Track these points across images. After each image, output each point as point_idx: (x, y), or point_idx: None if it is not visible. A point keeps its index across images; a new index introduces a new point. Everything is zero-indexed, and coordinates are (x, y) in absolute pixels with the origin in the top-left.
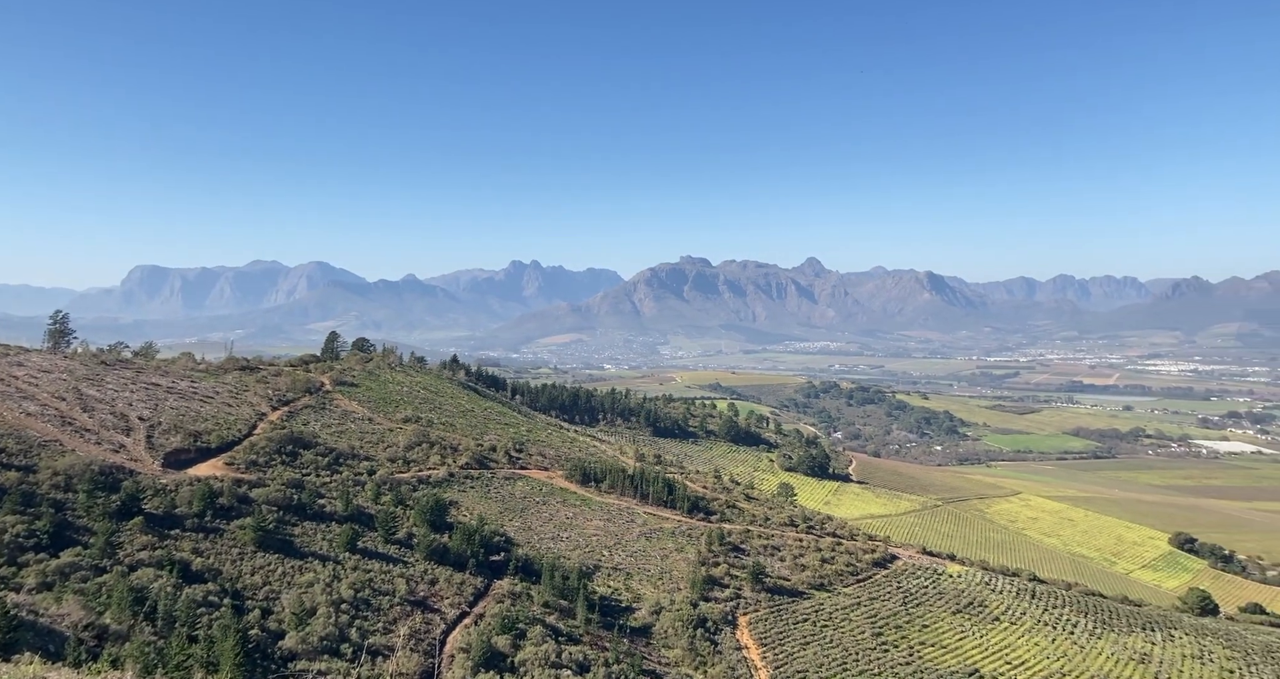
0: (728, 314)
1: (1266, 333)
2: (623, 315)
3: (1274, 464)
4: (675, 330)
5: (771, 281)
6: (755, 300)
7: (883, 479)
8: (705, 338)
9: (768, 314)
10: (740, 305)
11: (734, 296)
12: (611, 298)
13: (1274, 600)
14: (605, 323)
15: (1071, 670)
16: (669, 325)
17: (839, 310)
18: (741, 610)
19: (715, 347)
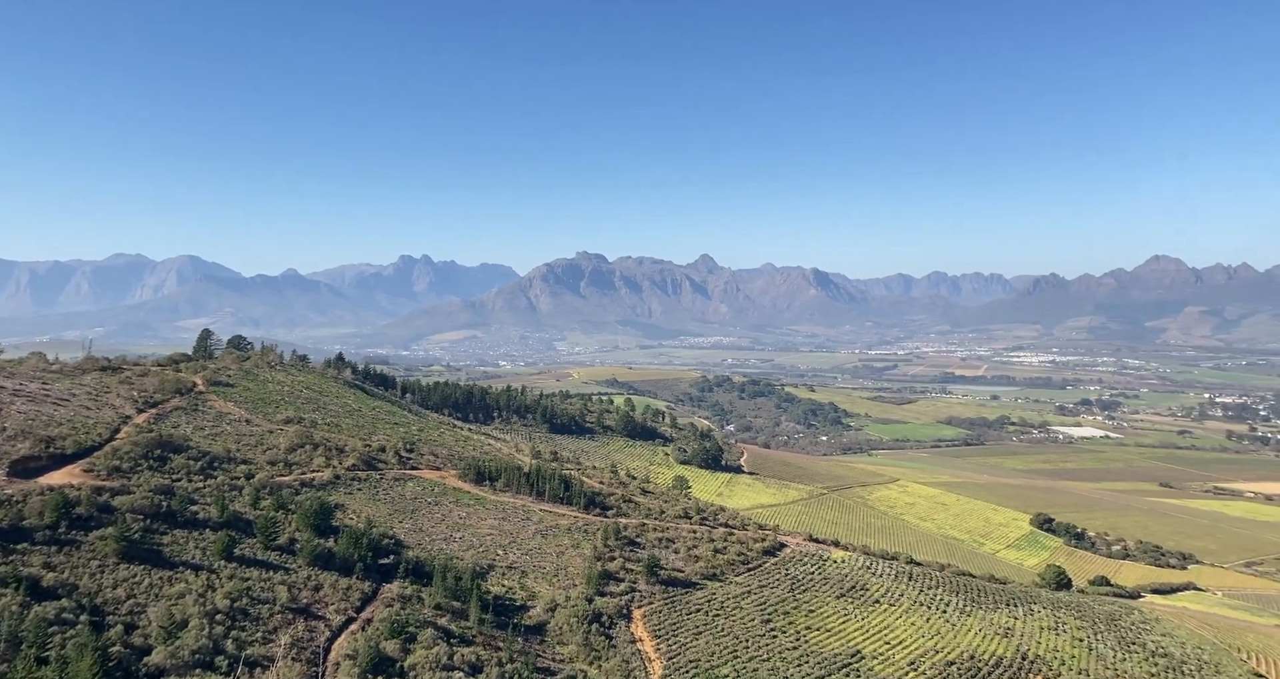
0: (624, 310)
1: (1113, 326)
2: (518, 311)
3: (1119, 448)
4: (572, 326)
5: (667, 278)
6: (651, 296)
7: (773, 469)
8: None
9: (663, 310)
10: (637, 301)
11: (630, 293)
12: (507, 294)
13: (1117, 573)
14: (500, 319)
15: (944, 647)
16: (566, 321)
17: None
18: (636, 604)
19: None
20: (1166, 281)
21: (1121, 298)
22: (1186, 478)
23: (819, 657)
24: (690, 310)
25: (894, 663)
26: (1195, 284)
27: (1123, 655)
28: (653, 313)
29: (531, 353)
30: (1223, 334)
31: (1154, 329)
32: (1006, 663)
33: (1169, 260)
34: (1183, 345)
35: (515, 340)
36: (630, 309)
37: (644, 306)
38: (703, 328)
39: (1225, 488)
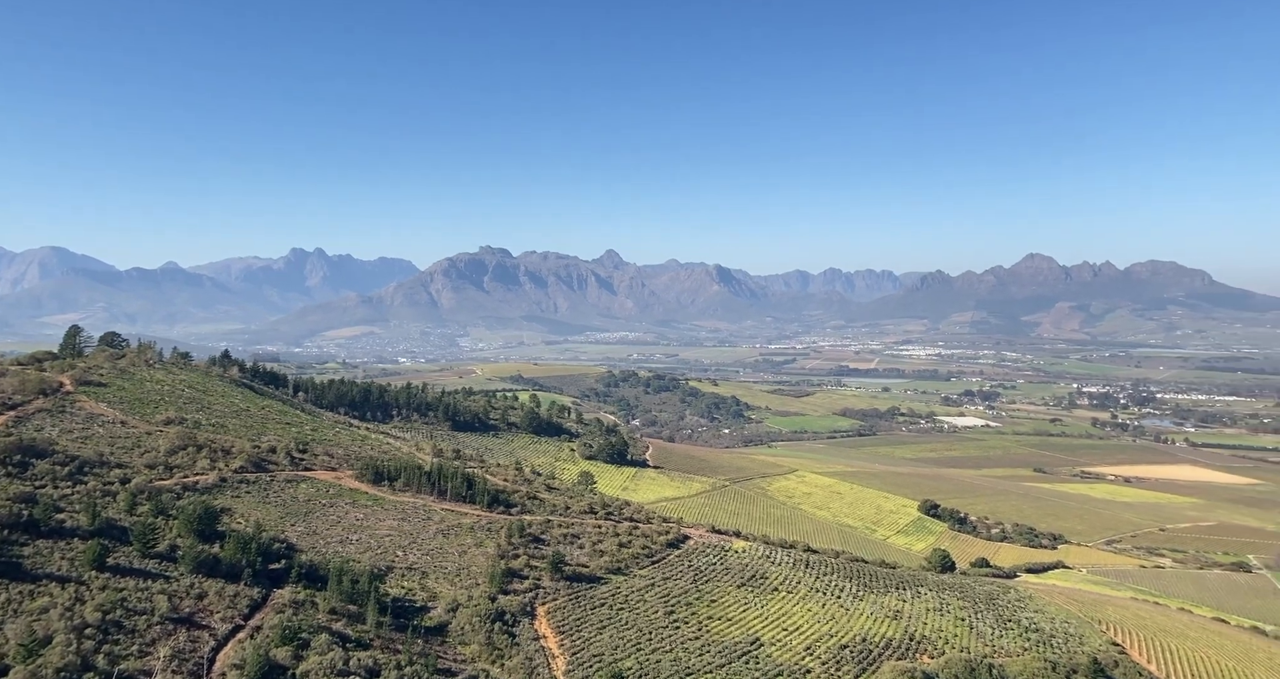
0: (529, 305)
1: (993, 320)
2: (419, 307)
3: (998, 436)
4: (475, 322)
5: (573, 273)
6: (557, 291)
7: (677, 463)
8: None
9: (569, 305)
10: (542, 296)
11: (535, 288)
12: (406, 288)
13: (996, 554)
14: (400, 315)
15: (838, 631)
16: (469, 317)
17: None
18: (541, 600)
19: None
20: (1040, 278)
21: (1000, 294)
22: (1057, 463)
23: (720, 645)
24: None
25: (791, 648)
26: (1065, 281)
27: (1000, 632)
28: (559, 308)
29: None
30: (1089, 328)
31: (1029, 323)
32: (896, 644)
33: (1042, 258)
34: (1054, 339)
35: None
36: (536, 305)
37: (550, 302)
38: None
39: (1090, 472)
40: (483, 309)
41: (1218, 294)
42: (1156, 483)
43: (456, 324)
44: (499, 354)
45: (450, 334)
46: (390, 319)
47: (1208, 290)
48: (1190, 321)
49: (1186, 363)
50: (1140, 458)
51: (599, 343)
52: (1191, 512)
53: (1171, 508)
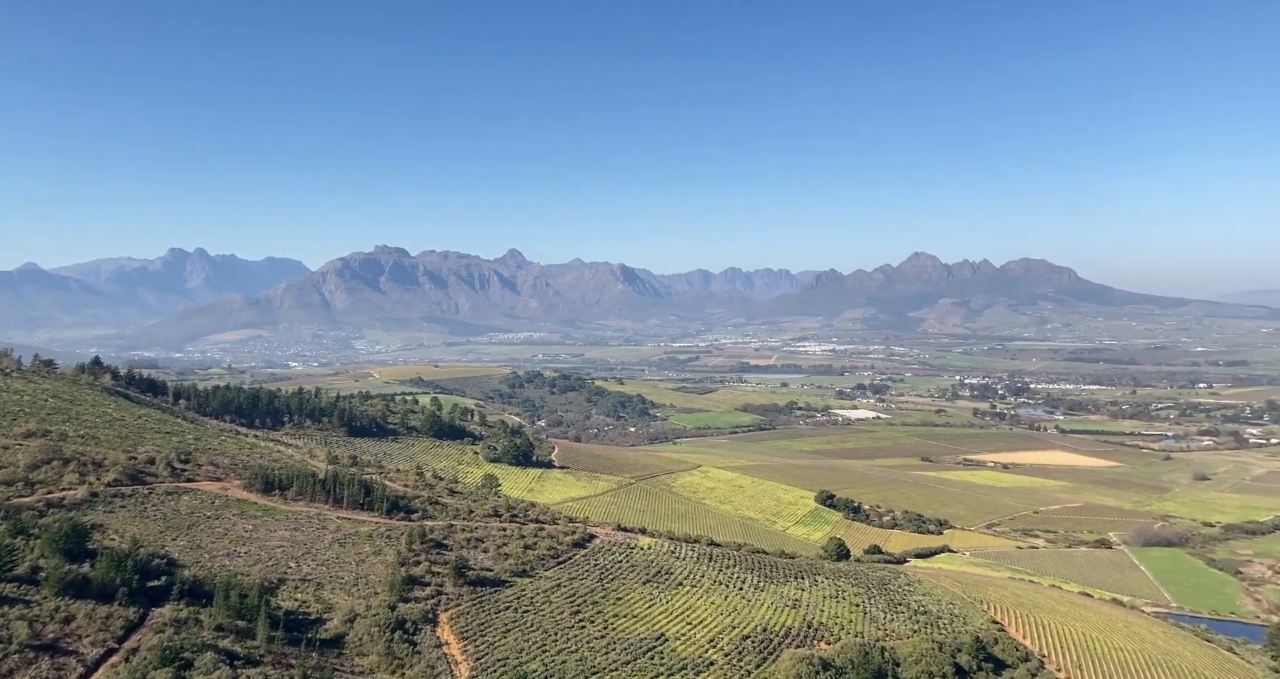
0: (429, 306)
1: (883, 316)
2: (311, 308)
3: (889, 427)
4: (372, 324)
5: (474, 273)
6: (458, 292)
7: (583, 462)
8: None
9: (471, 305)
10: (442, 297)
11: (435, 288)
12: (297, 290)
13: (888, 541)
14: (290, 317)
15: (740, 622)
16: (364, 319)
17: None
18: (443, 607)
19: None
20: (925, 276)
21: (889, 291)
22: (942, 452)
23: (625, 643)
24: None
25: (695, 642)
26: (948, 278)
27: (892, 616)
28: (460, 309)
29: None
30: (969, 323)
31: (915, 319)
32: (795, 632)
33: (926, 257)
34: (939, 334)
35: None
36: (436, 305)
37: (450, 303)
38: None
39: (972, 459)
40: (379, 310)
41: (1082, 290)
42: (1031, 468)
43: (351, 326)
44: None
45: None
46: (280, 322)
47: (1074, 286)
48: (1059, 316)
49: (1056, 355)
50: (1016, 445)
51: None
52: (1061, 494)
53: (1044, 491)
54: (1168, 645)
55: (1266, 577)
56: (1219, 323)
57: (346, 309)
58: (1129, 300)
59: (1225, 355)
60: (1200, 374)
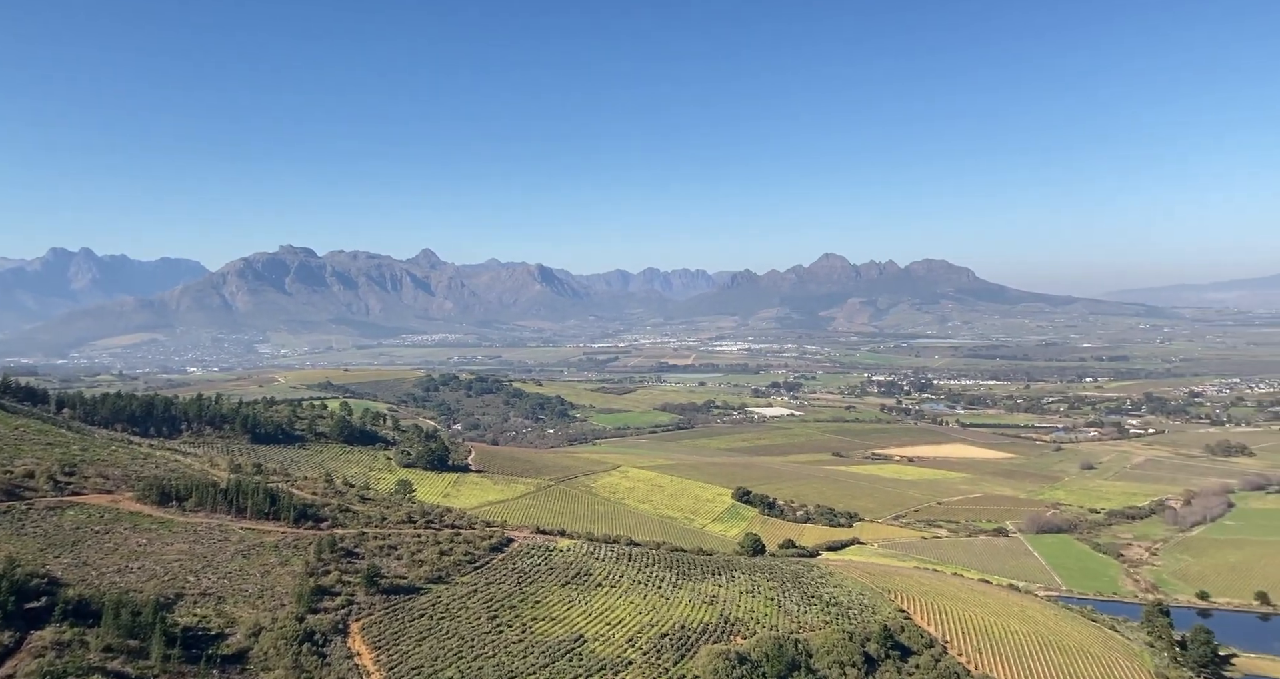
0: (338, 308)
1: (795, 316)
2: (210, 311)
3: (802, 424)
4: (277, 327)
5: (385, 273)
6: (369, 293)
7: (501, 465)
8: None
9: (383, 307)
10: (352, 298)
11: (345, 289)
12: (194, 292)
13: (801, 535)
14: (187, 320)
15: (659, 621)
16: (269, 322)
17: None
18: (354, 617)
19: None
20: (835, 276)
21: (801, 291)
22: (852, 447)
23: (544, 646)
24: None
25: (614, 642)
26: (856, 278)
27: (805, 608)
28: (371, 311)
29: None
30: (877, 321)
31: (826, 318)
32: (712, 628)
33: (836, 258)
34: (848, 332)
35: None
36: (345, 307)
37: (361, 304)
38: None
39: (880, 453)
40: (285, 313)
41: (980, 289)
42: (934, 461)
43: (255, 329)
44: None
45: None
46: (176, 325)
47: (972, 286)
48: (959, 314)
49: (957, 352)
50: (921, 439)
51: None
52: (962, 485)
53: (946, 483)
54: (1057, 626)
55: (1144, 558)
56: (1103, 320)
57: (249, 311)
58: (1022, 299)
59: (1108, 351)
60: (1087, 369)
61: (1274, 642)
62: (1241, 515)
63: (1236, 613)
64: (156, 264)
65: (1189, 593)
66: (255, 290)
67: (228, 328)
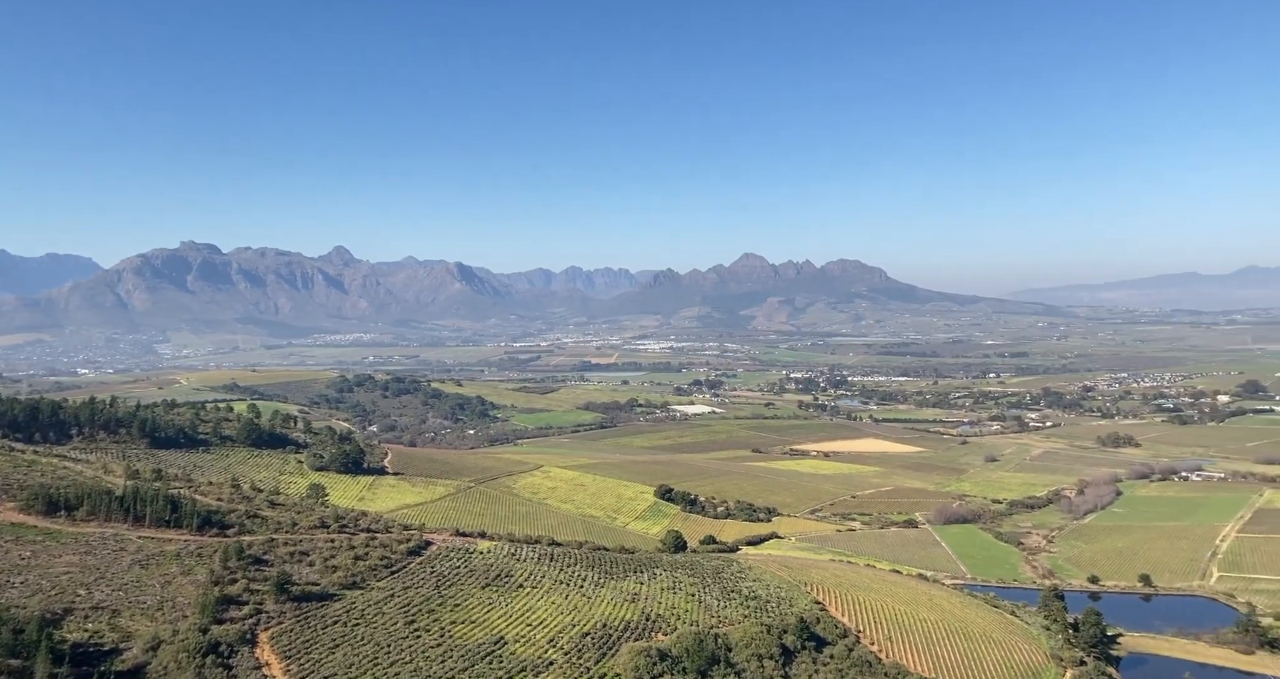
0: (245, 306)
1: (716, 315)
2: (103, 310)
3: (723, 421)
4: (178, 326)
5: (296, 271)
6: (278, 291)
7: (419, 467)
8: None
9: (293, 306)
10: (260, 297)
11: (252, 287)
12: (86, 289)
13: (721, 531)
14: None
15: (581, 620)
16: (169, 321)
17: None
18: (263, 626)
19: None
20: (755, 276)
21: (722, 290)
22: (771, 443)
23: (463, 649)
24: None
25: (535, 643)
26: (775, 278)
27: (725, 603)
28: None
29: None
30: (795, 320)
31: (746, 317)
32: (634, 625)
33: (756, 258)
34: (767, 330)
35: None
36: (253, 306)
37: (269, 303)
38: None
39: (798, 449)
40: (187, 311)
41: (892, 288)
42: (849, 455)
43: (154, 329)
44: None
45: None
46: (66, 325)
47: (884, 285)
48: (872, 313)
49: (870, 349)
50: (836, 434)
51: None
52: (875, 479)
53: (860, 477)
54: (963, 614)
55: (1042, 546)
56: (1005, 319)
57: (148, 310)
58: (931, 298)
59: (1010, 348)
60: (990, 365)
61: (1154, 620)
62: (1128, 503)
63: (1123, 595)
64: (42, 260)
65: (1081, 578)
66: (154, 288)
67: (124, 328)
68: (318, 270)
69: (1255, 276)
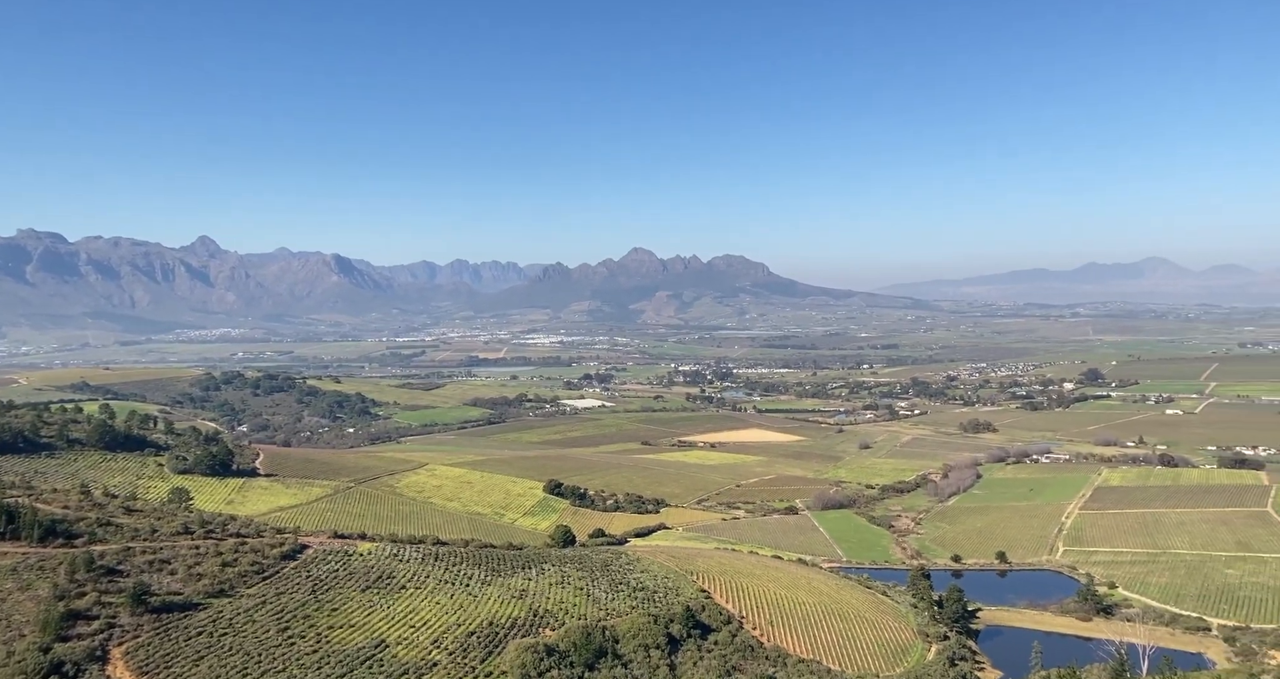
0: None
1: (607, 309)
2: None
3: (613, 415)
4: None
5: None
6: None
7: (294, 468)
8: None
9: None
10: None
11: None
12: None
13: (611, 524)
14: None
15: (466, 620)
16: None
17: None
18: (116, 641)
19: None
20: (644, 270)
21: (612, 284)
22: (660, 436)
23: (341, 655)
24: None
25: (418, 645)
26: (663, 272)
27: (613, 596)
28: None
29: None
30: (683, 314)
31: (636, 311)
32: (521, 622)
33: (644, 252)
34: (656, 324)
35: None
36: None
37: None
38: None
39: (686, 441)
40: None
41: (774, 283)
42: (734, 446)
43: None
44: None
45: None
46: None
47: (767, 280)
48: (755, 307)
49: (754, 342)
50: (722, 425)
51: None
52: (758, 468)
53: (744, 466)
54: (839, 595)
55: (911, 528)
56: (878, 312)
57: None
58: (810, 292)
59: (882, 340)
60: (864, 357)
61: (1009, 594)
62: (987, 485)
63: (982, 571)
64: None
65: (946, 557)
66: None
67: None
68: (179, 261)
69: (1095, 273)
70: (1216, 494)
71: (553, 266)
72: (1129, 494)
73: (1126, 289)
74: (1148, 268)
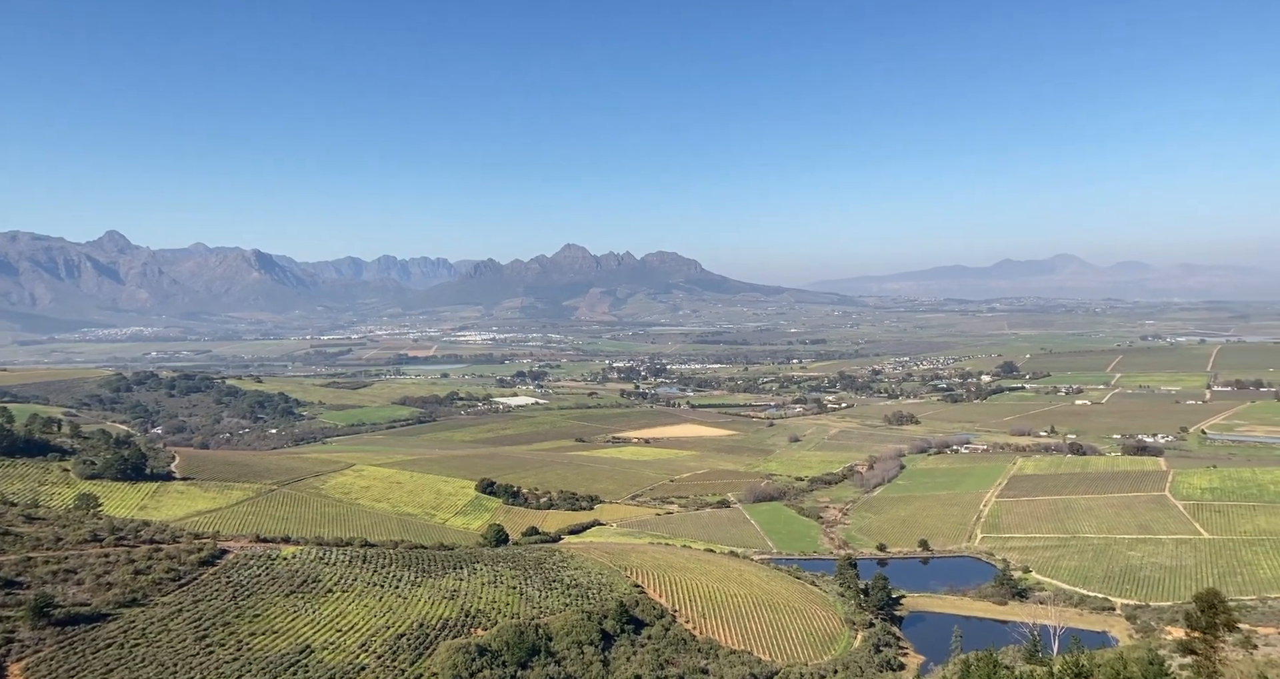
0: None
1: (540, 306)
2: None
3: (547, 412)
4: None
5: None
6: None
7: (212, 471)
8: None
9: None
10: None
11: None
12: None
13: (544, 522)
14: None
15: (395, 622)
16: None
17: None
18: (15, 657)
19: None
20: (577, 267)
21: (545, 281)
22: (594, 432)
23: (264, 661)
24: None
25: (345, 649)
26: (597, 269)
27: (546, 594)
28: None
29: None
30: (616, 310)
31: (570, 307)
32: (452, 623)
33: (578, 248)
34: (590, 321)
35: None
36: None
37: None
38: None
39: (620, 437)
40: None
41: (706, 280)
42: (668, 441)
43: None
44: None
45: None
46: None
47: (700, 277)
48: (688, 303)
49: (687, 338)
50: (656, 421)
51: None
52: (691, 462)
53: (678, 461)
54: (769, 586)
55: (838, 518)
56: (806, 308)
57: None
58: (741, 289)
59: (810, 335)
60: (793, 352)
61: (931, 581)
62: (910, 475)
63: (906, 559)
64: None
65: (872, 546)
66: None
67: None
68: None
69: (1010, 269)
70: (1121, 480)
71: (484, 263)
72: (1042, 482)
73: (1039, 285)
74: (1058, 264)
